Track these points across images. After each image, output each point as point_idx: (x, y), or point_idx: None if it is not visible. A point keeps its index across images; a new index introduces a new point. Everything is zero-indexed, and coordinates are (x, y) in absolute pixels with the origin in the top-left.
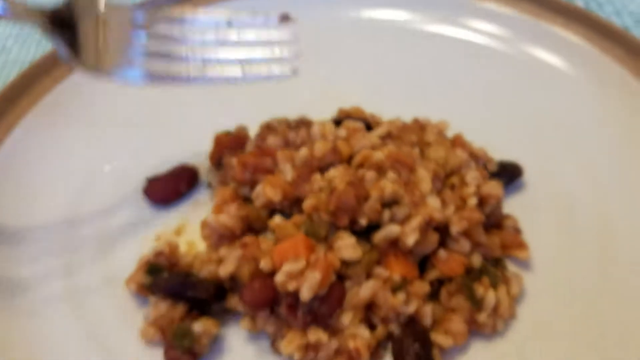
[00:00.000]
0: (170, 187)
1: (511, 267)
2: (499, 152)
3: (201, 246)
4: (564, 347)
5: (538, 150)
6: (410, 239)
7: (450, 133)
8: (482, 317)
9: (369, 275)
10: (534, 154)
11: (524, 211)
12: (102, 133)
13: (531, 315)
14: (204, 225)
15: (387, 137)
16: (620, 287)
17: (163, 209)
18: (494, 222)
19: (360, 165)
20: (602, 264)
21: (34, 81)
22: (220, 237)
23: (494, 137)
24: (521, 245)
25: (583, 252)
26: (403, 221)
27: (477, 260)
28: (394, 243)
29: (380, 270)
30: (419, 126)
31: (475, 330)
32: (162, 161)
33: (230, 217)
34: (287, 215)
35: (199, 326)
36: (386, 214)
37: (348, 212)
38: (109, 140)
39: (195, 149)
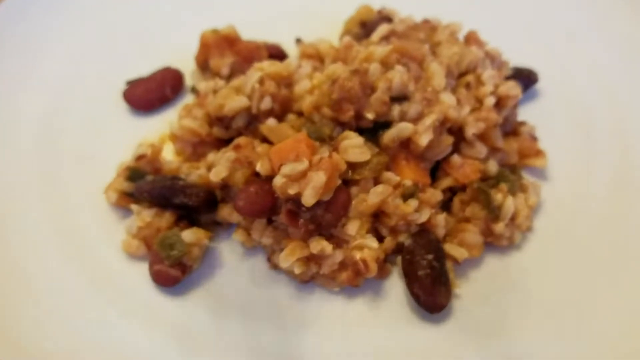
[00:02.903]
0: (153, 91)
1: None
2: (513, 59)
3: None
4: (583, 262)
5: (553, 57)
6: (424, 139)
7: (462, 36)
8: (499, 227)
9: (377, 181)
10: (549, 61)
11: (539, 119)
12: (77, 32)
13: (548, 228)
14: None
15: (392, 36)
16: (638, 195)
17: (145, 115)
18: (510, 128)
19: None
20: (620, 173)
21: None
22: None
23: (508, 42)
24: (538, 152)
25: (600, 161)
26: (415, 119)
27: (493, 166)
28: (405, 145)
29: (389, 175)
30: (430, 27)
31: (490, 242)
32: (144, 63)
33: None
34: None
35: (189, 235)
36: (396, 110)
37: (353, 103)
38: (85, 40)
39: (179, 50)
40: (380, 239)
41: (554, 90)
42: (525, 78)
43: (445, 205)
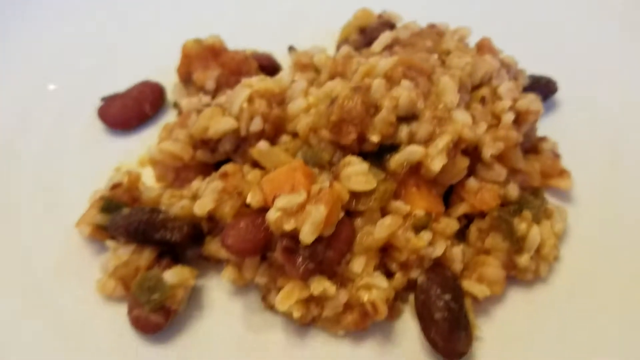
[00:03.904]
0: (130, 108)
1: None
2: (528, 66)
3: None
4: (618, 293)
5: (573, 63)
6: (436, 164)
7: (472, 42)
8: (524, 260)
9: (384, 211)
10: (568, 66)
11: (560, 133)
12: (45, 42)
13: (577, 256)
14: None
15: (395, 44)
16: None
17: (123, 135)
18: (529, 145)
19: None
20: None
21: None
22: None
23: (523, 48)
24: (562, 172)
25: (630, 178)
26: (425, 141)
27: (514, 190)
28: (415, 170)
29: (398, 205)
30: (436, 32)
31: (513, 276)
32: (120, 77)
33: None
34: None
35: (172, 276)
36: (404, 131)
37: (355, 125)
38: (54, 52)
39: (160, 62)
40: (390, 274)
41: (575, 99)
42: (544, 88)
43: (461, 232)
